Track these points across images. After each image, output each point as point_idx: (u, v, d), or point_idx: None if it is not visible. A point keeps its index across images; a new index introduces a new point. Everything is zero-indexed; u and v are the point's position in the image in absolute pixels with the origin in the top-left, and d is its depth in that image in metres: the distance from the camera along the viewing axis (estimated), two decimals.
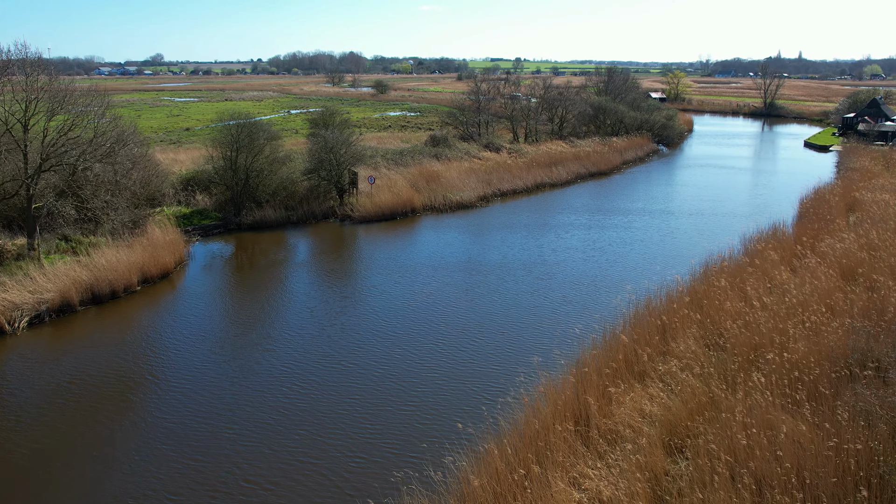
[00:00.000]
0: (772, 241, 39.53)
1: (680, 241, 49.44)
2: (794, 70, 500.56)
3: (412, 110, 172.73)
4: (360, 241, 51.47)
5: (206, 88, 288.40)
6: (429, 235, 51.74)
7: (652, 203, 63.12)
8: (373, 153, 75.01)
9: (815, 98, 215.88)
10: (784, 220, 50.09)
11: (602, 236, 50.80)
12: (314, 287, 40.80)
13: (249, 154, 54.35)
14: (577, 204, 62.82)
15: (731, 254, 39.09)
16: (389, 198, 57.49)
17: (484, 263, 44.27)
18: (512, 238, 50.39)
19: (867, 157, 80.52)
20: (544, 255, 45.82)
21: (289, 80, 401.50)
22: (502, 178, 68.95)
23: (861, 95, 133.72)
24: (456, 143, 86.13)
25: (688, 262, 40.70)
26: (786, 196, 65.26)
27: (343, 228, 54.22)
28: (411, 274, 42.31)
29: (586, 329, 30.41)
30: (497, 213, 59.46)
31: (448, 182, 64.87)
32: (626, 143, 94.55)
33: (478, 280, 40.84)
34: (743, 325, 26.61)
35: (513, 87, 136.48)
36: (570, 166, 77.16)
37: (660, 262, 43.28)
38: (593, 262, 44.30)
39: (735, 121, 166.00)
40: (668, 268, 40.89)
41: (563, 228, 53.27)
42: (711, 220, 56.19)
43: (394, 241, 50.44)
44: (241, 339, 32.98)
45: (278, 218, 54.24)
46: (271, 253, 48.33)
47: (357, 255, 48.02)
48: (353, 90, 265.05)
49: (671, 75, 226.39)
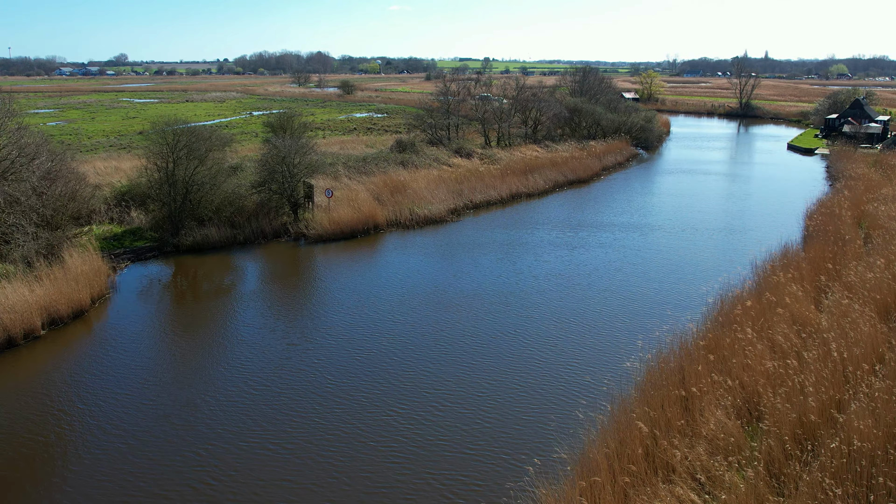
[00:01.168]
0: (788, 269, 34.12)
1: (680, 264, 43.52)
2: (762, 69, 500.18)
3: (379, 111, 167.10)
4: (315, 266, 45.27)
5: (168, 89, 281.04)
6: (393, 259, 45.65)
7: (640, 216, 57.64)
8: (333, 160, 68.88)
9: (787, 98, 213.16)
10: (792, 239, 45.02)
11: (589, 259, 45.05)
12: (258, 325, 34.51)
13: (189, 165, 47.89)
14: (557, 217, 57.10)
15: (746, 285, 33.62)
16: (349, 213, 51.33)
17: (455, 295, 38.32)
18: (486, 261, 44.51)
19: (860, 162, 75.95)
20: (524, 284, 39.89)
21: (254, 80, 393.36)
22: (474, 187, 63.11)
23: (841, 96, 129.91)
24: (424, 148, 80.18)
25: (696, 294, 35.62)
26: (783, 207, 60.22)
27: (296, 249, 47.97)
28: (372, 308, 36.25)
29: (590, 401, 24.73)
30: (469, 228, 53.52)
31: (415, 193, 58.88)
32: (605, 148, 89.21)
33: (448, 319, 34.82)
34: (785, 394, 21.03)
35: (483, 88, 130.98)
36: (548, 174, 71.53)
37: (662, 295, 37.33)
38: (581, 294, 38.14)
39: (711, 122, 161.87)
40: (675, 304, 35.33)
41: (543, 248, 47.47)
42: (708, 237, 50.70)
43: (353, 267, 44.27)
44: (169, 392, 26.80)
45: (222, 238, 47.82)
46: (211, 281, 42.04)
47: (311, 286, 41.80)
48: (319, 91, 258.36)
49: (644, 75, 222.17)
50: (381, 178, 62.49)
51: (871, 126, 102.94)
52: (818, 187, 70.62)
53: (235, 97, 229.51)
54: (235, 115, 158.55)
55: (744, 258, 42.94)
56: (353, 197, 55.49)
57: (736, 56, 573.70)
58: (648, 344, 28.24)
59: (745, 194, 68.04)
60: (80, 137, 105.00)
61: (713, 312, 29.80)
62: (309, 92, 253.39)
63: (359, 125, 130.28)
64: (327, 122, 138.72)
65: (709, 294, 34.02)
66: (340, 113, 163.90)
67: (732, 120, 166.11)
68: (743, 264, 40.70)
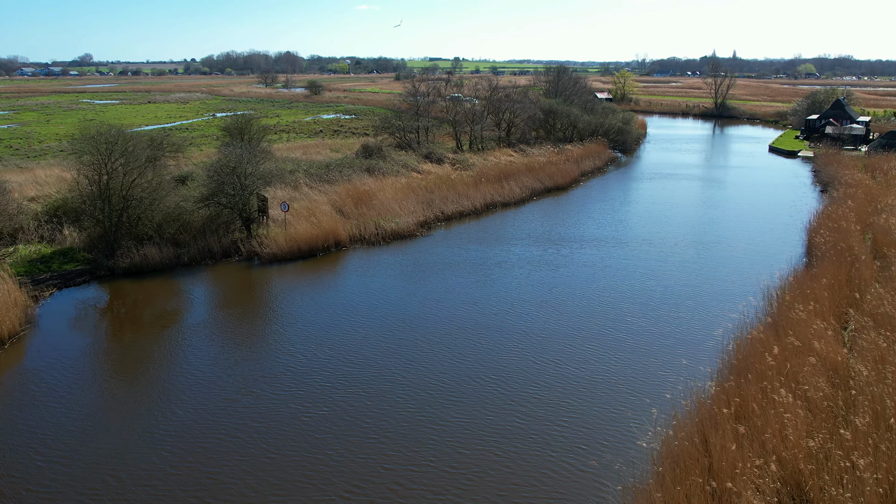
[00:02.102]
0: (805, 298, 29.88)
1: (680, 290, 38.35)
2: (730, 69, 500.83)
3: (347, 112, 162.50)
4: (269, 291, 40.28)
5: (131, 90, 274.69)
6: (355, 282, 40.69)
7: (625, 229, 53.25)
8: (294, 167, 63.95)
9: (760, 97, 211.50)
10: (798, 258, 41.09)
11: (574, 283, 40.32)
12: (204, 360, 29.52)
13: (126, 178, 42.67)
14: (536, 231, 52.50)
15: (761, 320, 29.30)
16: (308, 228, 46.38)
17: (423, 329, 33.56)
18: (459, 285, 39.74)
19: (850, 166, 72.48)
20: (502, 316, 34.99)
21: (220, 80, 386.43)
22: (446, 196, 58.42)
23: (820, 96, 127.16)
24: (391, 153, 75.43)
25: (706, 332, 31.31)
26: (779, 218, 56.17)
27: (248, 271, 42.89)
28: (330, 348, 31.38)
29: (597, 494, 20.01)
30: (440, 244, 48.75)
31: (382, 204, 54.06)
32: (582, 151, 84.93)
33: (416, 363, 30.05)
34: (836, 479, 16.66)
35: (454, 89, 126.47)
36: (524, 180, 67.06)
37: (666, 335, 32.10)
38: (570, 332, 32.94)
39: (686, 122, 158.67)
40: (684, 346, 30.36)
41: (522, 269, 42.77)
42: (705, 255, 46.25)
43: (311, 292, 39.28)
44: (97, 446, 21.89)
45: (165, 259, 42.61)
46: (151, 309, 36.90)
47: (263, 315, 36.80)
48: (286, 91, 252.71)
49: (617, 75, 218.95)
50: (345, 187, 57.61)
51: (854, 127, 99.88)
52: (809, 194, 66.95)
53: (200, 98, 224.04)
54: (198, 116, 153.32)
55: (751, 282, 38.75)
56: (314, 209, 50.59)
57: (705, 56, 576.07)
58: (661, 406, 23.61)
59: (735, 203, 63.93)
60: (31, 142, 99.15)
61: (731, 359, 25.32)
62: (276, 92, 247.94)
63: (325, 127, 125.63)
64: (293, 124, 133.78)
65: (721, 332, 29.89)
66: (307, 114, 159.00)
67: (708, 120, 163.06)
68: (752, 290, 36.54)
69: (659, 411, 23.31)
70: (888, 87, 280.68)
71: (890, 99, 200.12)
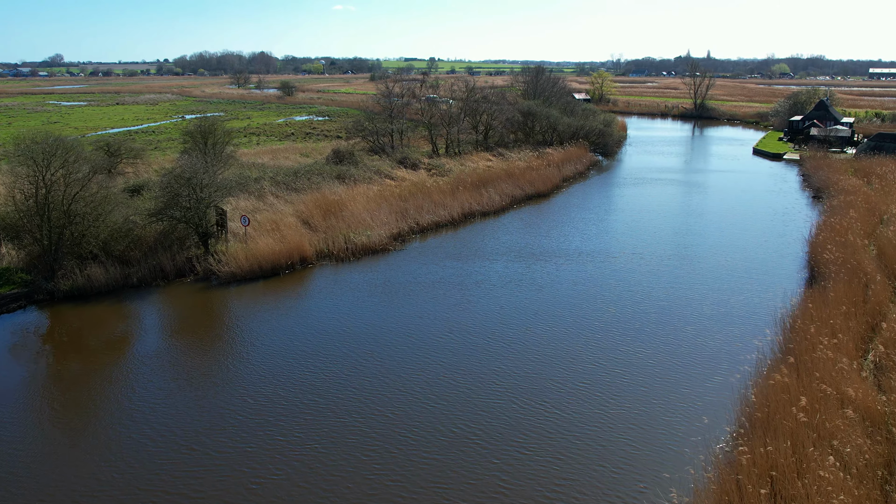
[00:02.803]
0: (821, 325, 26.75)
1: (681, 316, 34.77)
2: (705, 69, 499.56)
3: (320, 114, 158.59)
4: (226, 315, 36.50)
5: (100, 91, 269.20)
6: (320, 306, 36.92)
7: (611, 241, 49.95)
8: (260, 175, 60.08)
9: (737, 97, 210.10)
10: (798, 272, 37.96)
11: (560, 307, 36.73)
12: (154, 395, 25.80)
13: (67, 190, 38.68)
14: (517, 244, 48.97)
15: (779, 356, 26.06)
16: (271, 244, 42.64)
17: (394, 362, 30.01)
18: (434, 309, 36.08)
19: (840, 171, 69.86)
20: (481, 347, 31.41)
21: (192, 81, 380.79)
22: (421, 206, 54.87)
23: (801, 96, 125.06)
24: (364, 158, 71.80)
25: (717, 373, 27.85)
26: (775, 228, 53.22)
27: (204, 293, 39.01)
28: (291, 383, 27.78)
29: None
30: (415, 260, 45.10)
31: (352, 215, 50.41)
32: (563, 155, 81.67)
33: (385, 403, 26.50)
34: None
35: (430, 90, 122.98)
36: (503, 187, 63.65)
37: (666, 368, 29.20)
38: (557, 370, 29.48)
39: (665, 123, 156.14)
40: (695, 391, 26.84)
41: (503, 289, 39.14)
42: (698, 268, 43.07)
43: (271, 318, 35.41)
44: None
45: (111, 280, 38.68)
46: (95, 337, 33.05)
47: (219, 343, 32.98)
48: (259, 92, 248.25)
49: (595, 75, 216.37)
50: (314, 196, 53.87)
51: (839, 129, 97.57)
52: (801, 200, 64.17)
53: (170, 99, 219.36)
54: (167, 118, 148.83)
55: (756, 304, 35.67)
56: (278, 222, 46.85)
57: (679, 56, 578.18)
58: (678, 480, 20.25)
59: (725, 211, 60.75)
60: None
61: (753, 411, 21.89)
62: (248, 93, 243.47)
63: (297, 129, 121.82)
64: (264, 126, 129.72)
65: (734, 371, 26.60)
66: (279, 116, 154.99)
67: (687, 121, 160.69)
68: (760, 315, 33.47)
69: (678, 491, 19.72)
70: (862, 87, 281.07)
71: (867, 99, 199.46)
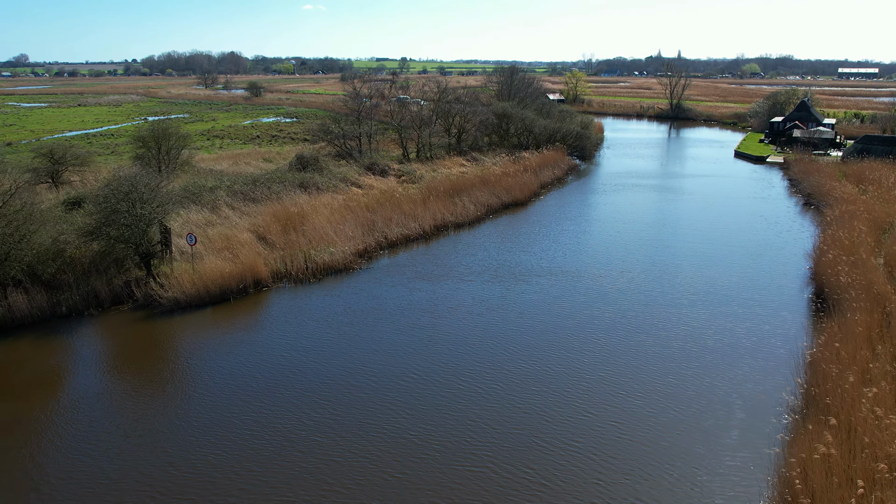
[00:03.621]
0: (853, 363, 23.03)
1: (675, 349, 31.14)
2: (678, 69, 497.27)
3: (289, 115, 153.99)
4: (164, 351, 31.99)
5: (64, 92, 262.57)
6: (274, 339, 32.45)
7: (595, 257, 46.07)
8: (216, 184, 55.52)
9: (711, 97, 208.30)
10: (802, 293, 34.37)
11: (541, 340, 32.79)
12: (79, 456, 21.47)
13: None
14: (494, 260, 44.79)
15: (807, 402, 22.29)
16: (220, 265, 38.17)
17: (354, 407, 25.89)
18: (400, 341, 31.88)
19: (829, 175, 66.69)
20: (453, 392, 27.30)
21: (159, 81, 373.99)
22: (390, 217, 50.67)
23: (780, 96, 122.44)
24: (329, 164, 67.47)
25: (730, 429, 23.91)
26: (770, 241, 49.82)
27: (143, 324, 34.38)
28: (239, 433, 23.52)
29: None
30: (382, 280, 40.74)
31: (314, 229, 46.08)
32: (540, 159, 77.78)
33: (349, 459, 22.37)
34: None
35: (400, 91, 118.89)
36: (478, 195, 59.61)
37: (676, 433, 25.23)
38: (536, 423, 25.54)
39: (642, 125, 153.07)
40: (710, 468, 22.94)
41: (478, 317, 34.91)
42: (692, 289, 39.43)
43: (217, 353, 30.96)
44: None
45: (36, 309, 34.03)
46: (10, 380, 28.43)
47: (157, 384, 28.45)
48: (226, 93, 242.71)
49: (569, 75, 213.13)
50: (273, 208, 49.50)
51: (823, 130, 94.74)
52: (792, 208, 60.92)
53: (134, 100, 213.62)
54: (129, 120, 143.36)
55: (769, 336, 31.90)
56: (231, 238, 42.45)
57: (650, 55, 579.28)
58: None
59: (714, 220, 57.12)
60: None
61: (798, 498, 17.91)
62: (215, 94, 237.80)
63: (264, 132, 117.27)
64: (229, 128, 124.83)
65: (762, 435, 22.85)
66: (246, 117, 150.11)
67: (664, 122, 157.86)
68: (776, 352, 29.68)
69: None
70: (834, 87, 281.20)
71: (842, 99, 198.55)
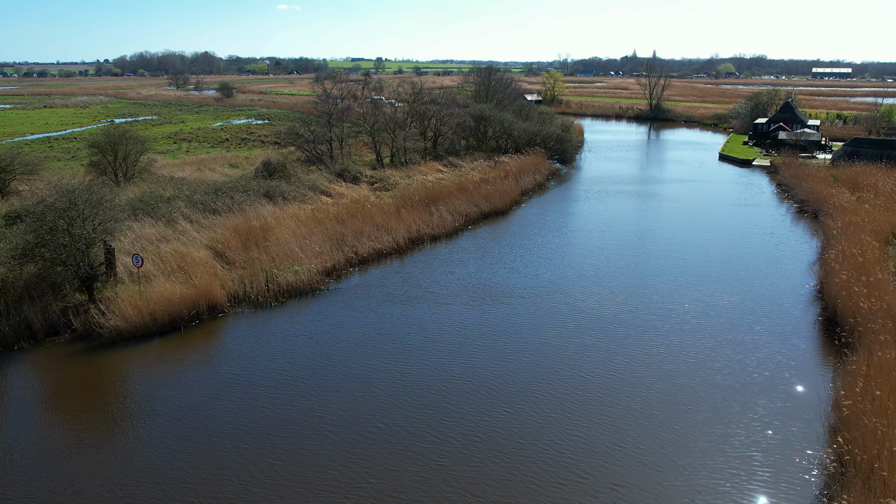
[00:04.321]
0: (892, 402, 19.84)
1: (680, 383, 28.17)
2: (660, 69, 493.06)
3: (260, 117, 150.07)
4: (105, 395, 28.10)
5: (31, 93, 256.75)
6: (228, 376, 28.59)
7: (583, 274, 42.67)
8: (174, 194, 51.61)
9: (688, 98, 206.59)
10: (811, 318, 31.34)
11: (527, 376, 29.45)
12: None
13: None
14: (475, 280, 41.01)
15: (839, 468, 19.03)
16: (170, 288, 34.21)
17: (315, 466, 22.31)
18: (371, 382, 28.20)
19: (821, 180, 63.99)
20: (435, 446, 23.81)
21: (129, 82, 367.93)
22: (361, 230, 47.04)
23: (762, 97, 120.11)
24: (298, 171, 63.69)
25: None
26: (765, 251, 47.00)
27: (80, 359, 30.36)
28: (185, 487, 19.91)
29: None
30: (350, 304, 36.85)
31: (279, 244, 42.33)
32: (519, 164, 74.41)
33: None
34: None
35: (374, 93, 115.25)
36: (456, 204, 56.09)
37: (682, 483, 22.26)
38: (522, 480, 22.46)
39: (621, 126, 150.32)
40: None
41: (455, 347, 31.38)
42: (691, 309, 36.30)
43: (162, 399, 27.04)
44: None
45: None
46: None
47: (91, 438, 24.61)
48: (197, 94, 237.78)
49: (546, 75, 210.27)
50: (234, 221, 45.67)
51: (809, 132, 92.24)
52: (785, 215, 58.10)
53: (102, 102, 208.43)
54: (94, 122, 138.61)
55: (784, 370, 28.64)
56: (186, 257, 38.63)
57: (626, 55, 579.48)
58: None
59: (705, 228, 54.07)
60: None
61: None
62: (186, 95, 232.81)
63: (233, 135, 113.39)
64: (197, 131, 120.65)
65: None
66: (216, 119, 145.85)
67: (643, 123, 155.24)
68: (796, 392, 26.39)
69: None
70: (810, 87, 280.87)
71: (820, 99, 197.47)
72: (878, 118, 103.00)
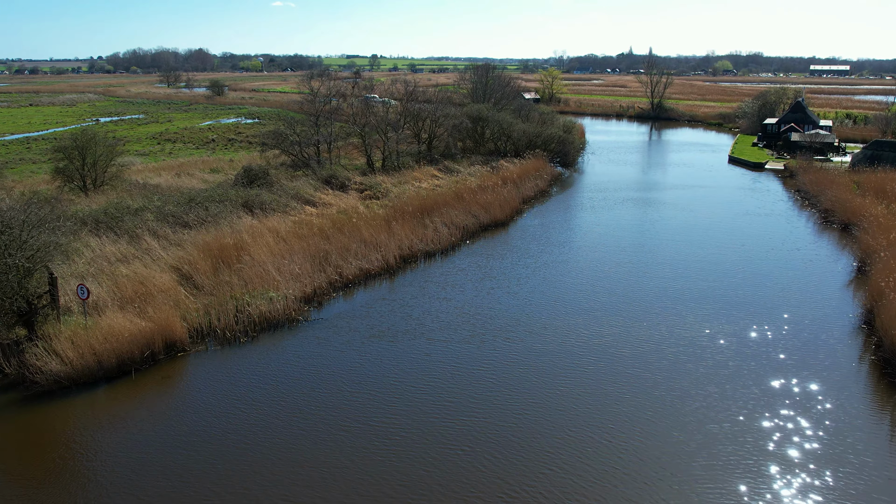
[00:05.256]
0: None
1: (723, 451, 23.92)
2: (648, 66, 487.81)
3: (250, 116, 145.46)
4: (40, 461, 23.47)
5: (18, 91, 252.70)
6: (181, 436, 23.88)
7: (598, 300, 38.05)
8: (144, 205, 46.93)
9: (689, 96, 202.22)
10: (865, 368, 26.95)
11: (550, 445, 25.15)
12: None
13: None
14: (473, 307, 36.34)
15: None
16: (122, 324, 29.48)
17: None
18: (352, 446, 23.68)
19: (845, 187, 59.50)
20: None
21: (121, 80, 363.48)
22: (347, 247, 42.36)
23: (770, 96, 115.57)
24: (282, 178, 59.01)
25: None
26: (793, 270, 42.57)
27: (11, 411, 25.78)
28: None
29: None
30: (330, 339, 32.01)
31: (254, 266, 37.60)
32: (520, 169, 69.71)
33: None
34: None
35: (365, 92, 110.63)
36: (452, 215, 51.43)
37: None
38: None
39: (622, 126, 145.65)
40: None
41: (455, 402, 26.65)
42: (729, 344, 31.93)
43: (104, 467, 22.48)
44: None
45: None
46: None
47: None
48: (188, 91, 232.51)
49: (544, 73, 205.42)
50: (206, 237, 41.00)
51: (823, 134, 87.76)
52: (807, 226, 53.65)
53: (91, 100, 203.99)
54: (80, 122, 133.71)
55: (850, 442, 24.16)
56: (147, 282, 33.92)
57: (622, 52, 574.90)
58: None
59: (727, 245, 49.58)
60: None
61: None
62: (176, 93, 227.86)
63: (221, 135, 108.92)
64: (184, 131, 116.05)
65: None
66: (205, 118, 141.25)
67: (645, 122, 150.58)
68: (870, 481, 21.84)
69: None
70: (809, 84, 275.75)
71: (823, 97, 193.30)
72: (891, 119, 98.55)
